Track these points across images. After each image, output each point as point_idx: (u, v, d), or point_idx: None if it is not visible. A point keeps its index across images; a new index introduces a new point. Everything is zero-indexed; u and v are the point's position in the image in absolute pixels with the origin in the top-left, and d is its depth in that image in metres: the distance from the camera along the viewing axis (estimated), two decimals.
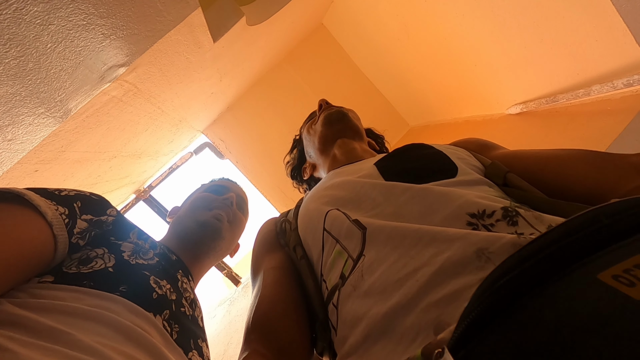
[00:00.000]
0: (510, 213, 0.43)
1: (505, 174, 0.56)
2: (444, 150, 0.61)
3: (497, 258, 0.35)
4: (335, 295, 0.46)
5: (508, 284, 0.25)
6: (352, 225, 0.49)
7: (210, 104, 2.14)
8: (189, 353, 0.56)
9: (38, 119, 0.88)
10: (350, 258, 0.46)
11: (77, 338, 0.40)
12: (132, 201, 2.54)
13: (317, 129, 0.83)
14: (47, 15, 0.64)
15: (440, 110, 2.56)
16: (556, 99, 1.60)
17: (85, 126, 1.10)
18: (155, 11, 0.88)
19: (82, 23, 0.72)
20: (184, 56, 1.25)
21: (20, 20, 0.61)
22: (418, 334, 0.34)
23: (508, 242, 0.36)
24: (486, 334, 0.24)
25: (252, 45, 1.83)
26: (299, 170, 0.97)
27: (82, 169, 1.38)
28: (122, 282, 0.52)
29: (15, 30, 0.62)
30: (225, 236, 0.78)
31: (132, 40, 0.91)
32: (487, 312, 0.24)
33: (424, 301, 0.35)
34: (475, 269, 0.35)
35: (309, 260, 0.57)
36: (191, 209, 0.80)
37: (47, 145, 1.03)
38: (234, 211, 0.83)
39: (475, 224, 0.42)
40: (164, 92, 1.37)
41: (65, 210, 0.51)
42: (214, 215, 0.77)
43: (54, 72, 0.78)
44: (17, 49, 0.66)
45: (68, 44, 0.75)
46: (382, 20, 2.28)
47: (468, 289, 0.34)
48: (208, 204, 0.80)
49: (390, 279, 0.40)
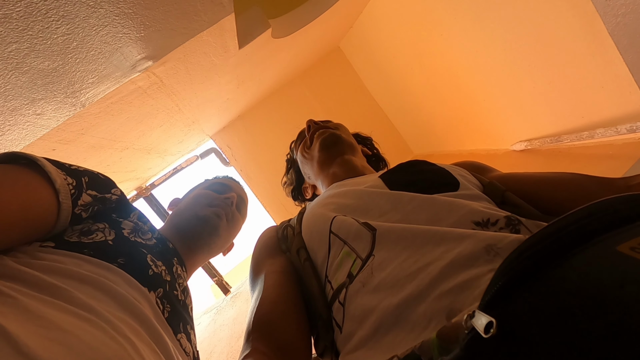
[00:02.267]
0: (513, 221, 0.45)
1: (503, 192, 0.58)
2: (446, 167, 0.64)
3: (506, 253, 0.36)
4: (342, 293, 0.47)
5: (534, 255, 0.26)
6: (361, 227, 0.50)
7: (223, 110, 2.19)
8: (177, 335, 0.56)
9: (69, 98, 0.91)
10: (359, 258, 0.47)
11: (75, 295, 0.41)
12: (133, 197, 2.54)
13: (314, 154, 0.85)
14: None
15: (445, 140, 2.62)
16: (560, 139, 1.65)
17: (107, 112, 1.14)
18: (194, 10, 0.93)
19: (128, 11, 0.77)
20: (210, 58, 1.30)
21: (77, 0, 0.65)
22: (430, 320, 0.35)
23: (515, 239, 0.38)
24: (515, 297, 0.26)
25: (272, 58, 1.90)
26: (299, 190, 0.99)
27: (95, 155, 1.40)
28: (120, 255, 0.53)
29: (70, 9, 0.66)
30: (222, 234, 0.80)
31: (168, 35, 0.96)
32: (515, 278, 0.26)
33: (436, 291, 0.37)
34: (485, 262, 0.37)
35: (312, 262, 0.58)
36: (193, 203, 0.82)
37: (69, 125, 1.06)
38: (233, 211, 0.85)
39: (480, 230, 0.44)
40: (184, 89, 1.41)
41: (73, 182, 0.53)
42: (214, 212, 0.80)
43: (93, 54, 0.82)
44: (67, 27, 0.70)
45: (111, 29, 0.79)
46: (397, 48, 2.37)
47: (479, 278, 0.35)
48: (210, 201, 0.83)
49: (402, 274, 0.41)
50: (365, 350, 0.40)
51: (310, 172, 0.88)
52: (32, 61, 0.73)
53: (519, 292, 0.26)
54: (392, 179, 0.61)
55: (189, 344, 0.60)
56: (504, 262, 0.28)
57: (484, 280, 0.34)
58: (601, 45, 1.30)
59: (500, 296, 0.26)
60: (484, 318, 0.24)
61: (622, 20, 1.23)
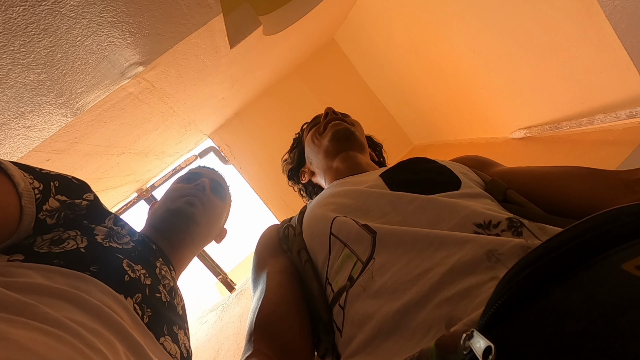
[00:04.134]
0: (515, 224, 0.44)
1: (505, 190, 0.57)
2: (447, 165, 0.63)
3: (507, 259, 0.36)
4: (343, 297, 0.47)
5: (535, 272, 0.25)
6: (361, 230, 0.50)
7: (219, 109, 2.17)
8: (160, 338, 0.55)
9: (58, 108, 0.90)
10: (360, 261, 0.47)
11: (43, 310, 0.40)
12: (134, 199, 2.55)
13: (324, 143, 0.84)
14: (82, 9, 0.67)
15: (445, 130, 2.60)
16: (560, 126, 1.63)
17: (100, 120, 1.13)
18: (180, 13, 0.92)
19: (112, 20, 0.75)
20: (201, 59, 1.28)
21: (57, 12, 0.63)
22: (430, 328, 0.34)
23: (517, 244, 0.37)
24: (514, 318, 0.25)
25: (266, 55, 1.88)
26: (297, 171, 0.98)
27: (91, 162, 1.39)
28: (93, 262, 0.52)
29: (51, 22, 0.65)
30: (200, 221, 0.78)
31: (156, 40, 0.94)
32: (515, 297, 0.25)
33: (436, 298, 0.36)
34: (485, 268, 0.36)
35: (313, 264, 0.58)
36: (165, 199, 0.81)
37: (62, 135, 1.05)
38: (208, 195, 0.83)
39: (482, 233, 0.44)
40: (177, 92, 1.40)
41: (40, 186, 0.52)
42: (185, 201, 0.77)
43: (79, 64, 0.81)
44: (50, 40, 0.69)
45: (96, 38, 0.78)
46: (393, 39, 2.34)
47: (479, 287, 0.35)
48: (180, 192, 0.81)
49: (402, 279, 0.41)
50: (364, 356, 0.40)
51: (314, 158, 0.88)
52: (17, 75, 0.72)
53: (519, 313, 0.25)
54: (393, 178, 0.61)
55: (175, 345, 0.59)
56: (502, 278, 0.27)
57: (485, 289, 0.34)
58: (599, 30, 1.27)
59: (499, 316, 0.25)
60: (483, 342, 0.24)
61: (619, 3, 1.21)
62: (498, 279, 0.33)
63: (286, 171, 1.03)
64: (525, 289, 0.26)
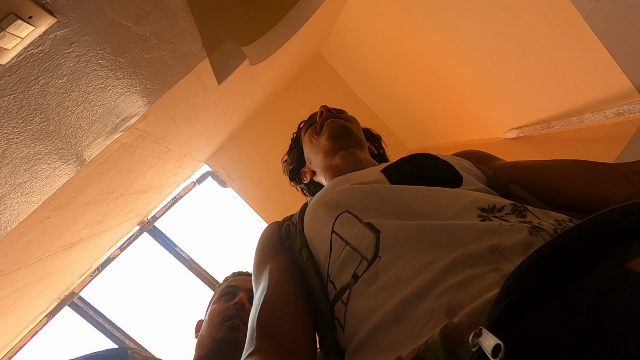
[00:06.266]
0: (519, 208, 0.44)
1: (507, 184, 0.57)
2: (449, 160, 0.62)
3: (510, 254, 0.36)
4: (346, 294, 0.46)
5: (543, 270, 0.26)
6: (364, 228, 0.49)
7: (213, 137, 2.18)
8: None
9: (55, 172, 0.91)
10: (365, 260, 0.46)
11: None
12: (136, 233, 2.55)
13: (322, 142, 0.84)
14: (70, 84, 0.68)
15: (438, 133, 2.62)
16: (550, 126, 1.65)
17: (96, 172, 1.14)
18: (166, 66, 0.93)
19: (100, 87, 0.77)
20: (190, 100, 1.29)
21: (46, 92, 0.65)
22: (431, 317, 0.34)
23: (521, 240, 0.37)
24: (523, 316, 0.25)
25: (255, 81, 1.89)
26: (298, 171, 0.98)
27: (91, 210, 1.40)
28: None
29: (41, 101, 0.66)
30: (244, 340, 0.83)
31: (145, 94, 0.95)
32: (523, 295, 0.25)
33: (437, 288, 0.36)
34: (488, 262, 0.36)
35: (315, 261, 0.57)
36: (209, 325, 0.84)
37: (60, 194, 1.06)
38: (248, 310, 0.86)
39: (486, 216, 0.44)
40: (170, 133, 1.41)
41: None
42: (230, 326, 0.81)
43: (72, 130, 0.82)
44: (41, 116, 0.70)
45: (86, 105, 0.79)
46: (378, 50, 2.36)
47: (480, 277, 0.34)
48: (222, 316, 0.84)
49: (406, 273, 0.41)
50: (366, 352, 0.40)
51: (313, 158, 0.87)
52: (12, 153, 0.73)
53: (527, 311, 0.25)
54: (394, 174, 0.60)
55: None
56: (510, 276, 0.27)
57: (485, 279, 0.34)
58: (578, 32, 1.29)
59: (508, 314, 0.25)
60: (492, 339, 0.24)
61: (595, 5, 1.22)
62: (499, 270, 0.34)
63: (287, 172, 1.02)
64: (534, 287, 0.26)
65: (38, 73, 0.61)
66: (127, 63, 0.79)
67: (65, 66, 0.64)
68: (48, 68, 0.61)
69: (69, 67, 0.65)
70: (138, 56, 0.81)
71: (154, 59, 0.85)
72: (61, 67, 0.63)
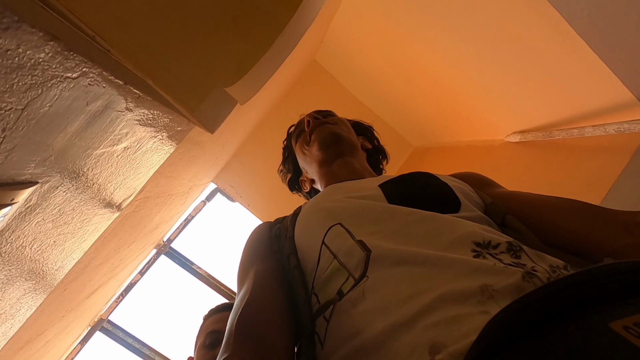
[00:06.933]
0: (515, 247, 0.44)
1: (504, 215, 0.57)
2: (449, 183, 0.62)
3: (500, 297, 0.35)
4: (329, 310, 0.46)
5: (527, 315, 0.26)
6: (355, 245, 0.48)
7: (216, 163, 2.20)
8: None
9: (63, 263, 0.95)
10: (352, 277, 0.45)
11: None
12: (154, 256, 2.64)
13: (314, 153, 0.83)
14: (44, 235, 0.71)
15: (441, 132, 2.57)
16: (552, 135, 1.61)
17: (103, 243, 1.18)
18: (155, 151, 0.94)
19: (88, 198, 0.79)
20: (187, 156, 1.30)
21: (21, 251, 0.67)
22: (413, 351, 0.34)
23: (513, 284, 0.36)
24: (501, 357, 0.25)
25: (251, 109, 1.88)
26: (296, 180, 0.98)
27: (106, 264, 1.46)
28: None
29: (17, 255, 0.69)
30: None
31: (136, 178, 0.97)
32: (503, 339, 0.26)
33: (424, 321, 0.36)
34: (476, 302, 0.36)
35: (301, 270, 0.56)
36: None
37: (71, 272, 1.11)
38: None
39: (480, 252, 0.43)
40: (171, 183, 1.43)
41: None
42: None
43: (62, 236, 0.85)
44: (36, 245, 0.73)
45: (76, 225, 0.81)
46: (372, 53, 2.30)
47: (468, 317, 0.34)
48: None
49: (393, 299, 0.40)
50: None
51: (308, 168, 0.88)
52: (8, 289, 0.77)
53: (504, 355, 0.26)
54: (392, 190, 0.60)
55: None
56: (493, 318, 0.28)
57: (472, 320, 0.33)
58: (573, 45, 1.25)
59: (486, 355, 0.26)
60: None
61: (587, 21, 1.17)
62: (487, 313, 0.33)
63: (286, 181, 1.03)
64: (515, 332, 0.26)
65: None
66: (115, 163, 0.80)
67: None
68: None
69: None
70: (125, 159, 0.82)
71: (137, 157, 0.87)
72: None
